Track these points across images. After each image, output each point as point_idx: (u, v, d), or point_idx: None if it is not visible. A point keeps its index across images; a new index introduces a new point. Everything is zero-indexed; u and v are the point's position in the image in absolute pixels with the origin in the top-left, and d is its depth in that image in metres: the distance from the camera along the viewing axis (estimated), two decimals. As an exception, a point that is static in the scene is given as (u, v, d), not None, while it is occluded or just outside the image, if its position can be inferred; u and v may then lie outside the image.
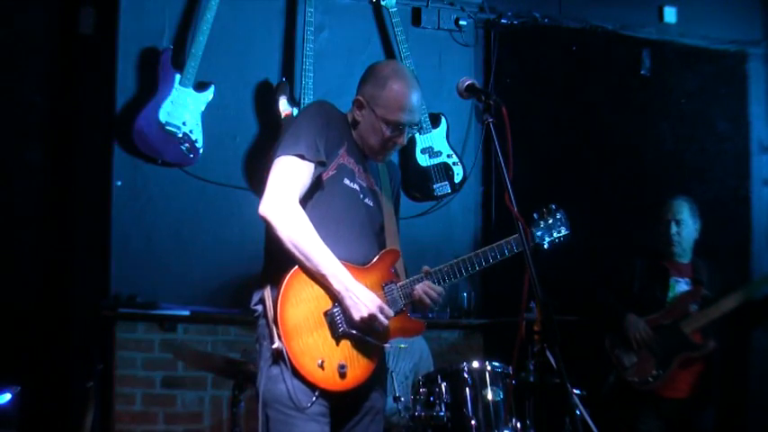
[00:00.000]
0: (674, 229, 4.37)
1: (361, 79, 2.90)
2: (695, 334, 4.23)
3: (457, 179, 5.18)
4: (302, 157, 2.67)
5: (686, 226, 4.40)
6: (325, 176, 2.75)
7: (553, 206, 3.05)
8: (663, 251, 4.45)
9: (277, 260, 2.69)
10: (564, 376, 2.30)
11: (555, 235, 3.02)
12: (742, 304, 4.19)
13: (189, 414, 4.57)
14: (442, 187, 5.14)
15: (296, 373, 2.61)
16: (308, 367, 2.61)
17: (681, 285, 4.38)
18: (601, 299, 4.44)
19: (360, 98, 2.85)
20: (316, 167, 2.71)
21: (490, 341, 5.19)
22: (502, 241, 2.89)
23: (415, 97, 2.82)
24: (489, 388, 3.65)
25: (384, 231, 2.92)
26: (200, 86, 4.69)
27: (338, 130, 2.82)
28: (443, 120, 5.19)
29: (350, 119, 2.89)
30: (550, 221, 3.02)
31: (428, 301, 2.82)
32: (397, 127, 2.81)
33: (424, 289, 2.83)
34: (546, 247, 3.00)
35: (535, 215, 3.03)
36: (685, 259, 4.44)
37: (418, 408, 3.65)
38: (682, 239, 4.39)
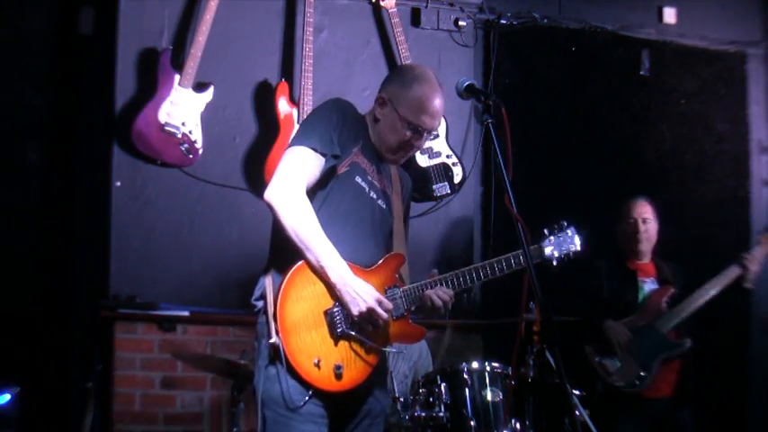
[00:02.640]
0: (641, 227, 4.41)
1: (386, 78, 2.91)
2: (671, 333, 4.23)
3: (456, 180, 5.17)
4: (315, 149, 2.66)
5: (651, 225, 4.44)
6: (339, 170, 2.73)
7: (564, 222, 3.02)
8: (626, 251, 4.46)
9: (281, 253, 2.68)
10: (563, 377, 2.30)
11: (564, 251, 2.97)
12: (714, 298, 4.21)
13: (188, 414, 4.57)
14: (441, 188, 5.13)
15: (291, 371, 2.59)
16: (304, 365, 2.59)
17: (649, 285, 4.40)
18: (577, 307, 4.40)
19: (383, 95, 2.84)
20: (327, 160, 2.69)
21: (490, 341, 5.18)
22: (510, 254, 2.86)
23: (438, 102, 2.81)
24: (489, 388, 3.65)
25: (393, 235, 2.90)
26: (200, 87, 4.68)
27: (354, 128, 2.81)
28: (443, 120, 5.17)
29: (369, 117, 2.88)
30: (561, 238, 2.99)
31: (438, 302, 2.80)
32: (417, 129, 2.80)
33: (435, 291, 2.80)
34: (555, 263, 2.97)
35: (546, 231, 3.00)
36: (646, 260, 4.47)
37: (417, 408, 3.65)
38: (649, 237, 4.43)
